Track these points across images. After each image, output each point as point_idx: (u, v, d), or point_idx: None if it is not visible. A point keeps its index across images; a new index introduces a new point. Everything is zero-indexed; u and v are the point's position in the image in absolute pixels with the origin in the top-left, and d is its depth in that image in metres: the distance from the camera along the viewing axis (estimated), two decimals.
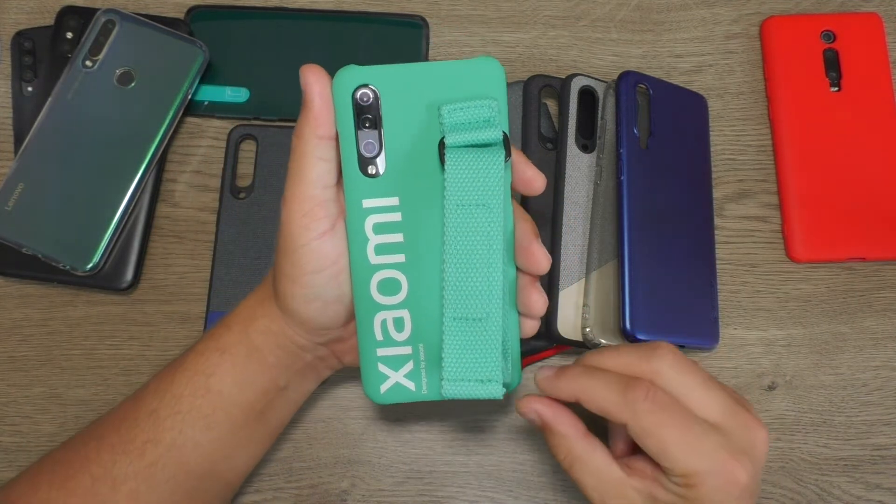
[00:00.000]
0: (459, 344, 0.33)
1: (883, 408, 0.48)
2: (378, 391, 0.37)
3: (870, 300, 0.50)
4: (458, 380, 0.33)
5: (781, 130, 0.51)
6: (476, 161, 0.33)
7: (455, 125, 0.34)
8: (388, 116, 0.35)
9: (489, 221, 0.33)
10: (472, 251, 0.33)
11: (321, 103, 0.34)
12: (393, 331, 0.36)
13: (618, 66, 0.53)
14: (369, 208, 0.35)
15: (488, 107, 0.34)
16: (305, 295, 0.36)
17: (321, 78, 0.35)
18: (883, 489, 0.47)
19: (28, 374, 0.48)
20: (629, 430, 0.33)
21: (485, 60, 0.34)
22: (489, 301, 0.33)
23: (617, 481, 0.35)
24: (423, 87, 0.34)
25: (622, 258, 0.45)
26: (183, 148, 0.51)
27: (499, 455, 0.47)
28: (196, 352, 0.39)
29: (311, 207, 0.35)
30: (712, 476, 0.33)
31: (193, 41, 0.50)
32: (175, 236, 0.50)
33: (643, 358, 0.35)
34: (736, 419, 0.34)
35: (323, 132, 0.34)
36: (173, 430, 0.37)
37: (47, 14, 0.53)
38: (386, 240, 0.35)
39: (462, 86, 0.34)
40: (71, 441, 0.40)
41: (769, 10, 0.54)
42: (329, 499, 0.46)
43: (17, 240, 0.47)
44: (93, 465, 0.37)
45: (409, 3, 0.54)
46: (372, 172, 0.35)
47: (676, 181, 0.48)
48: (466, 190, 0.33)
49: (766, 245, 0.51)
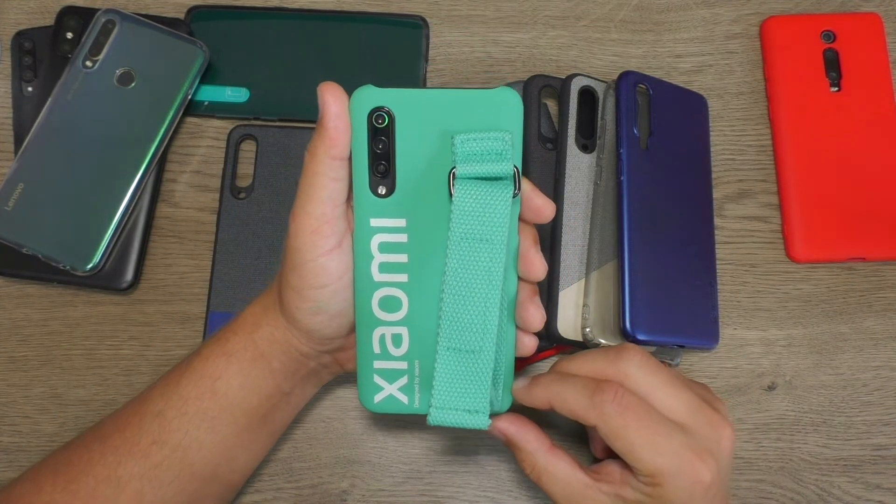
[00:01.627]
0: (450, 373, 0.34)
1: (883, 408, 0.48)
2: (372, 400, 0.38)
3: (870, 300, 0.50)
4: (445, 408, 0.34)
5: (781, 130, 0.51)
6: (483, 195, 0.33)
7: (467, 156, 0.34)
8: (402, 139, 0.35)
9: (491, 257, 0.34)
10: (470, 285, 0.34)
11: (339, 125, 0.34)
12: (391, 346, 0.37)
13: (618, 66, 0.53)
14: (377, 227, 0.36)
15: (501, 139, 0.34)
16: (310, 308, 0.36)
17: (339, 97, 0.34)
18: (883, 489, 0.47)
19: (28, 374, 0.48)
20: (599, 431, 0.34)
21: (503, 91, 0.34)
22: (483, 335, 0.34)
23: (584, 487, 0.36)
24: (438, 114, 0.35)
25: (622, 258, 0.45)
26: (183, 148, 0.51)
27: (499, 455, 0.47)
28: (202, 356, 0.39)
29: (320, 225, 0.35)
30: (677, 476, 0.33)
31: (193, 41, 0.50)
32: (175, 236, 0.50)
33: (611, 361, 0.36)
34: (701, 418, 0.35)
35: (337, 153, 0.34)
36: (179, 431, 0.38)
37: (47, 14, 0.53)
38: (390, 259, 0.36)
39: (478, 115, 0.34)
40: (74, 442, 0.40)
41: (769, 10, 0.54)
42: (329, 499, 0.46)
43: (17, 240, 0.47)
44: (97, 467, 0.37)
45: (409, 3, 0.54)
46: (382, 193, 0.35)
47: (676, 181, 0.48)
48: (471, 223, 0.34)
49: (766, 245, 0.51)
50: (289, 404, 0.41)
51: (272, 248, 0.49)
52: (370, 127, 0.35)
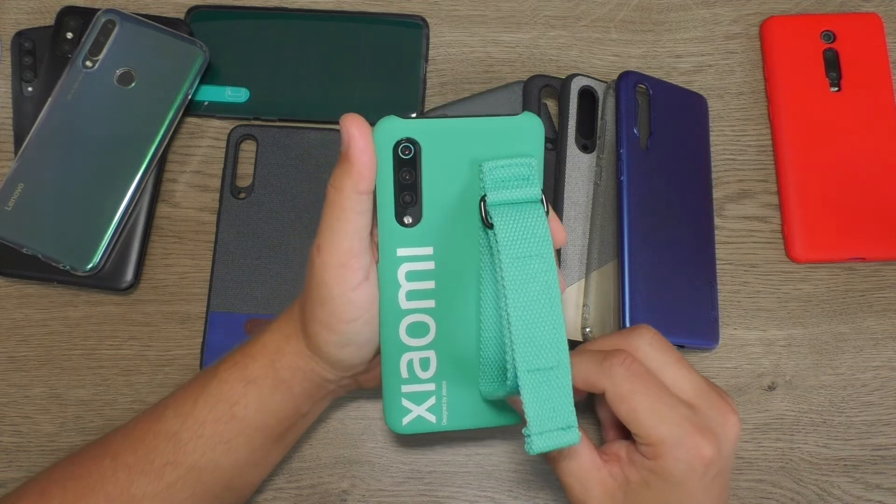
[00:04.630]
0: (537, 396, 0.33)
1: (883, 408, 0.48)
2: (400, 423, 0.38)
3: (870, 300, 0.50)
4: (543, 432, 0.33)
5: (781, 130, 0.51)
6: (523, 216, 0.34)
7: (496, 182, 0.34)
8: (428, 169, 0.35)
9: (546, 270, 0.34)
10: (534, 302, 0.33)
11: (366, 159, 0.33)
12: (418, 369, 0.37)
13: (618, 66, 0.53)
14: (403, 257, 0.36)
15: (528, 165, 0.34)
16: (339, 341, 0.36)
17: (364, 130, 0.33)
18: (883, 489, 0.47)
19: (28, 374, 0.48)
20: (606, 397, 0.34)
21: (526, 118, 0.35)
22: (558, 348, 0.33)
23: (596, 468, 0.35)
24: (463, 142, 0.35)
25: (622, 258, 0.45)
26: (183, 148, 0.51)
27: (499, 455, 0.47)
28: (219, 378, 0.39)
29: (349, 259, 0.34)
30: (677, 446, 0.33)
31: (193, 41, 0.50)
32: (175, 236, 0.50)
33: (624, 337, 0.36)
34: (708, 401, 0.35)
35: (364, 187, 0.34)
36: (195, 453, 0.38)
37: (47, 14, 0.53)
38: (418, 287, 0.36)
39: (502, 141, 0.35)
40: (82, 455, 0.40)
41: (769, 10, 0.54)
42: (329, 499, 0.46)
43: (17, 240, 0.47)
44: (108, 484, 0.37)
45: (409, 3, 0.54)
46: (408, 223, 0.35)
47: (676, 181, 0.48)
48: (520, 243, 0.33)
49: (766, 245, 0.51)
50: (305, 421, 0.42)
51: (272, 248, 0.49)
52: (396, 158, 0.34)
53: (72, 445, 0.47)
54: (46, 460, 0.47)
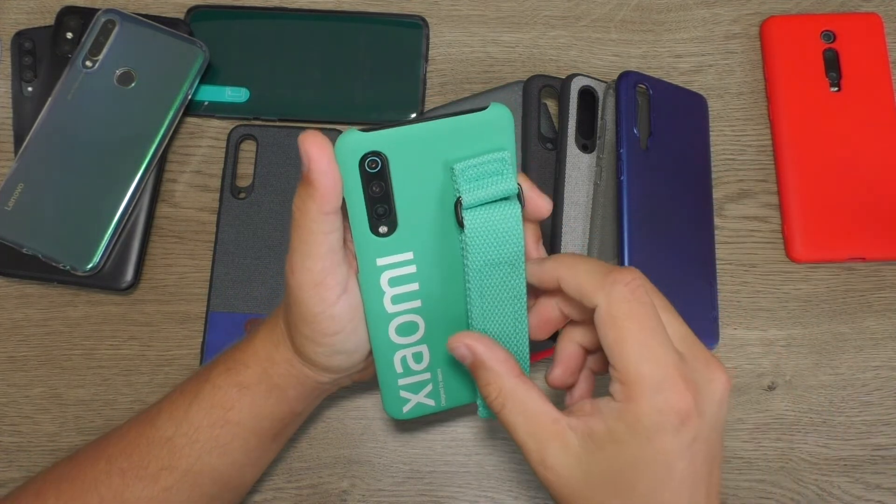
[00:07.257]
0: None
1: (883, 408, 0.48)
2: (400, 411, 0.39)
3: (870, 300, 0.50)
4: None
5: (781, 130, 0.51)
6: (495, 220, 0.33)
7: (469, 183, 0.33)
8: (398, 179, 0.33)
9: (513, 277, 0.34)
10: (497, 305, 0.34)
11: (328, 182, 0.31)
12: (412, 363, 0.37)
13: (618, 66, 0.53)
14: (384, 265, 0.35)
15: (500, 160, 0.33)
16: (327, 352, 0.36)
17: (324, 151, 0.31)
18: (883, 489, 0.47)
19: (28, 374, 0.48)
20: (596, 315, 0.31)
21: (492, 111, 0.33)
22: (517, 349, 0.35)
23: (551, 421, 0.31)
24: (431, 146, 0.33)
25: (622, 258, 0.45)
26: (183, 148, 0.51)
27: (499, 455, 0.47)
28: (212, 384, 0.38)
29: (323, 279, 0.33)
30: (655, 391, 0.29)
31: (193, 41, 0.50)
32: (175, 236, 0.50)
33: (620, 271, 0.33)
34: (696, 352, 0.32)
35: (330, 208, 0.32)
36: (190, 457, 0.38)
37: (47, 14, 0.53)
38: (402, 290, 0.36)
39: (471, 139, 0.33)
40: (78, 456, 0.40)
41: (769, 10, 0.54)
42: (329, 499, 0.46)
43: (17, 240, 0.47)
44: (102, 487, 0.37)
45: (409, 3, 0.54)
46: (384, 232, 0.34)
47: (676, 181, 0.48)
48: (489, 250, 0.33)
49: (766, 245, 0.51)
50: (300, 419, 0.42)
51: (272, 248, 0.49)
52: (363, 173, 0.32)
53: (72, 445, 0.47)
54: (46, 460, 0.47)
